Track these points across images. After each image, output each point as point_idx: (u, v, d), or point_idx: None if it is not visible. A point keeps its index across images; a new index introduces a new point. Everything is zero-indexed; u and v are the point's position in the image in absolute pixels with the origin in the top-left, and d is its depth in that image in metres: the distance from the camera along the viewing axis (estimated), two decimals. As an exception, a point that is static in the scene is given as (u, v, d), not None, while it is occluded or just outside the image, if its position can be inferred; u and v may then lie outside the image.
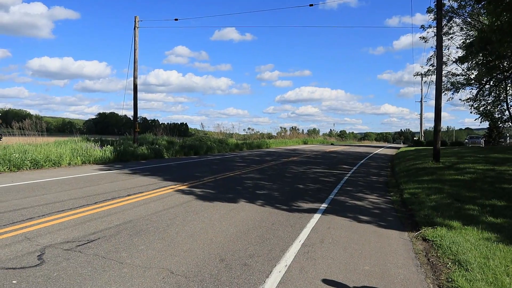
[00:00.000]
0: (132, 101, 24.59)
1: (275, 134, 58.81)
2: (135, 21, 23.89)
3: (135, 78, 24.11)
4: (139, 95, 24.05)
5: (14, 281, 4.19)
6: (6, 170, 13.65)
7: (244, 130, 64.02)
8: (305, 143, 57.97)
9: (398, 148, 50.14)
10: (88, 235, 5.95)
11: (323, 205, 9.08)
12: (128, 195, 9.35)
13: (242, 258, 5.21)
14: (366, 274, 4.84)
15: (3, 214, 7.13)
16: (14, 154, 14.41)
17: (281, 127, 66.14)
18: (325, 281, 4.54)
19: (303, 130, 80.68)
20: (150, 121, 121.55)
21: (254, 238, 6.16)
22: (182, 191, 10.28)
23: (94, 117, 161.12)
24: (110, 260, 4.93)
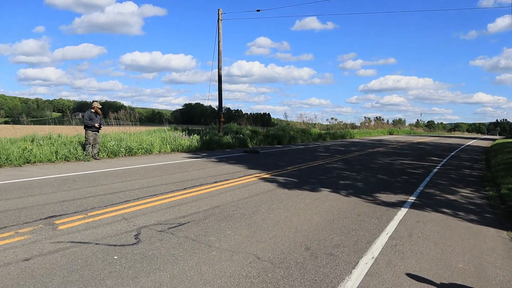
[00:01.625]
0: (217, 92, 25.34)
1: (359, 124, 57.45)
2: (218, 14, 24.49)
3: (219, 69, 24.78)
4: (222, 86, 24.67)
5: (115, 257, 4.53)
6: (105, 156, 14.73)
7: (327, 120, 63.38)
8: (390, 133, 56.05)
9: (494, 139, 46.70)
10: (178, 218, 6.25)
11: (411, 198, 8.73)
12: (215, 182, 9.68)
13: (328, 247, 5.18)
14: (460, 272, 4.59)
15: (103, 196, 7.72)
16: (111, 142, 15.52)
17: (365, 117, 64.59)
18: (414, 276, 4.37)
19: (388, 120, 78.05)
20: (233, 111, 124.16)
21: (339, 228, 6.09)
22: (266, 179, 10.42)
23: (180, 107, 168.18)
24: (199, 242, 5.14)
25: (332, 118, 67.67)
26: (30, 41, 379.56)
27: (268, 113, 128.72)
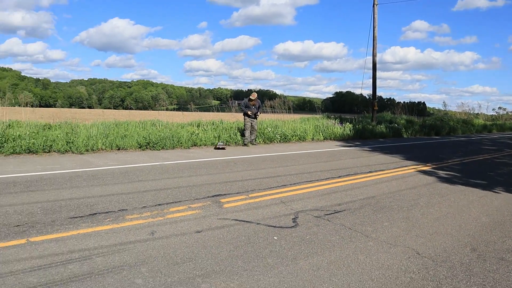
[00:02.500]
0: (369, 80, 24.64)
1: (534, 115, 50.43)
2: (374, -2, 23.60)
3: (374, 56, 23.97)
4: (376, 73, 23.82)
5: (275, 237, 4.78)
6: (261, 142, 15.52)
7: (493, 110, 56.94)
8: None
9: None
10: (334, 206, 6.31)
11: None
12: (370, 172, 9.49)
13: (498, 251, 4.71)
14: None
15: (262, 179, 8.18)
16: (268, 129, 16.26)
17: (543, 108, 56.21)
18: None
19: None
20: (386, 100, 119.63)
21: (512, 231, 5.49)
22: (425, 172, 9.86)
23: (331, 96, 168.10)
24: (355, 231, 5.13)
25: (499, 108, 60.47)
26: (195, 36, 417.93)
27: (423, 102, 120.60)
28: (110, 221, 5.14)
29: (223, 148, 13.22)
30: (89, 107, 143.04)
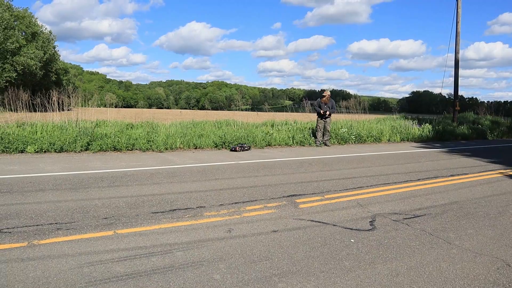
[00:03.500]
0: (450, 78, 23.45)
1: None
2: (458, -9, 22.33)
3: (456, 53, 22.65)
4: (458, 71, 22.54)
5: (352, 240, 4.69)
6: (335, 142, 15.32)
7: None
8: None
9: None
10: (413, 210, 6.06)
11: None
12: (451, 175, 9.02)
13: None
14: None
15: (337, 180, 8.06)
16: (342, 129, 16.01)
17: None
18: None
19: None
20: (467, 100, 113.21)
21: None
22: (513, 178, 9.19)
23: (407, 95, 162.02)
24: (437, 238, 4.89)
25: None
26: (269, 37, 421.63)
27: (511, 101, 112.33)
28: (189, 217, 5.32)
29: (241, 150, 12.47)
30: (167, 108, 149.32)
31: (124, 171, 8.37)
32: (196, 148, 12.55)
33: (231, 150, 12.41)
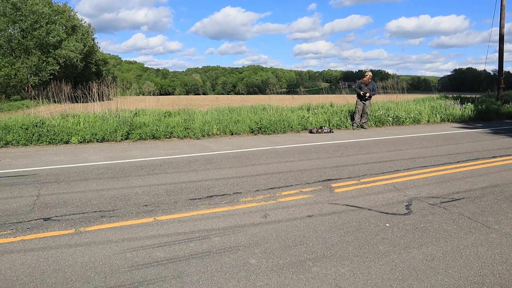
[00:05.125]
0: (496, 54, 22.49)
1: None
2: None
3: (501, 27, 21.64)
4: (504, 46, 21.57)
5: (387, 224, 4.69)
6: (373, 125, 15.10)
7: None
8: None
9: None
10: (451, 194, 5.96)
11: None
12: (494, 157, 8.75)
13: None
14: None
15: (374, 164, 8.00)
16: (379, 111, 15.74)
17: None
18: None
19: None
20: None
21: None
22: (561, 158, 8.83)
23: (449, 73, 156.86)
24: (475, 222, 4.81)
25: None
26: (304, 18, 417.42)
27: None
28: (226, 203, 5.46)
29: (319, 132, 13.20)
30: (204, 94, 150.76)
31: (163, 159, 8.60)
32: (232, 134, 12.69)
33: (310, 132, 13.32)
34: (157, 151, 9.64)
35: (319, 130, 13.17)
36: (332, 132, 13.24)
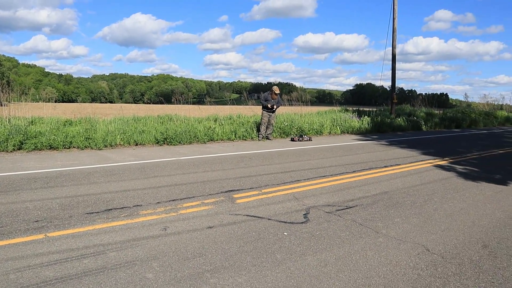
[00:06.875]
0: (390, 71, 24.32)
1: None
2: (395, -11, 23.22)
3: (393, 48, 23.64)
4: (396, 65, 23.54)
5: (285, 233, 4.84)
6: (277, 136, 15.56)
7: (518, 101, 55.34)
8: None
9: None
10: (346, 202, 6.33)
11: None
12: (385, 166, 9.46)
13: (510, 248, 4.68)
14: None
15: (276, 174, 8.23)
16: (284, 123, 16.28)
17: None
18: None
19: None
20: (407, 92, 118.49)
21: (526, 227, 5.43)
22: (441, 167, 9.77)
23: (351, 88, 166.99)
24: (366, 227, 5.15)
25: (525, 99, 58.64)
26: (215, 29, 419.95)
27: (446, 94, 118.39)
28: (125, 216, 5.28)
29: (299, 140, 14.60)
30: (110, 102, 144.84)
31: (60, 171, 8.12)
32: (137, 144, 12.34)
33: (291, 140, 14.72)
34: (54, 163, 9.06)
35: (300, 139, 14.62)
36: (311, 140, 14.71)
